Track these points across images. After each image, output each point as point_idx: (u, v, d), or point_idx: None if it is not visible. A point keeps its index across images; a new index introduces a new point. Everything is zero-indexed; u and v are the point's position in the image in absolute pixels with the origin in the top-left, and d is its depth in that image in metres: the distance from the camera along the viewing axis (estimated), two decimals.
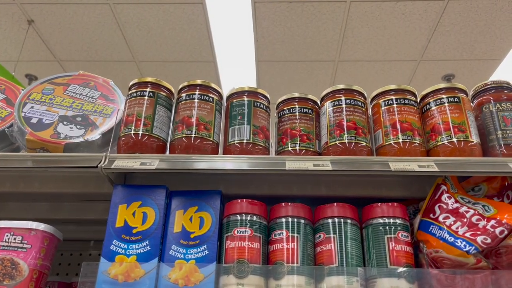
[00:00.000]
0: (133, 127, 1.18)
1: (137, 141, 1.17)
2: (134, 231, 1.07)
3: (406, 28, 4.05)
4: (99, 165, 1.09)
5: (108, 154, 1.12)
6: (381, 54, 4.40)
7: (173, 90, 1.31)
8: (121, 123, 1.22)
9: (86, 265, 1.03)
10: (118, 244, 1.05)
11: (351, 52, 4.37)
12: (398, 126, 1.17)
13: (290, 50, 4.37)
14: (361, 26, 4.03)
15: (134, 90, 1.25)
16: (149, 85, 1.25)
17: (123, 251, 1.04)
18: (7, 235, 1.04)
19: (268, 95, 1.29)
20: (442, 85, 1.22)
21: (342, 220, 1.07)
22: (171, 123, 1.25)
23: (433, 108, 1.20)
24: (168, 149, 1.21)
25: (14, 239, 1.03)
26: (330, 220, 1.07)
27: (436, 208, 1.06)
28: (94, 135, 1.21)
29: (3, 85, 1.33)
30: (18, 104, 1.18)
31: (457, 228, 1.00)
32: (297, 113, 1.25)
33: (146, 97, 1.23)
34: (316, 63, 4.56)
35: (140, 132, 1.18)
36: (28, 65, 4.49)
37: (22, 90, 1.28)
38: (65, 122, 1.23)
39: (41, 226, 1.07)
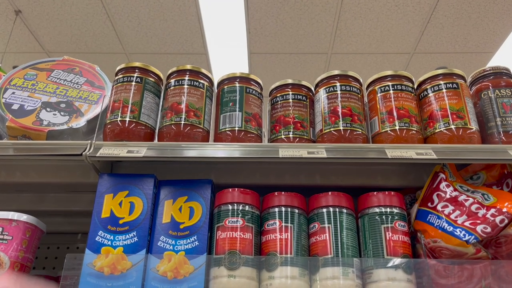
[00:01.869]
0: (119, 114, 1.13)
1: (124, 128, 1.12)
2: (120, 221, 1.02)
3: (399, 21, 4.02)
4: (83, 153, 1.04)
5: (94, 141, 1.07)
6: (374, 47, 4.36)
7: (161, 76, 1.26)
8: (107, 110, 1.17)
9: (70, 258, 0.99)
10: (104, 235, 1.01)
11: (344, 45, 4.33)
12: (395, 113, 1.13)
13: (283, 42, 4.32)
14: (354, 18, 3.99)
15: (121, 76, 1.20)
16: (136, 70, 1.20)
17: (109, 243, 1.00)
18: None
19: (260, 82, 1.24)
20: (440, 71, 1.19)
21: (337, 209, 1.03)
22: (160, 110, 1.20)
23: (431, 94, 1.16)
24: (156, 137, 1.16)
25: None
26: (325, 210, 1.04)
27: (435, 196, 1.02)
28: (79, 122, 1.16)
29: None
30: None
31: (456, 217, 0.97)
32: (290, 100, 1.21)
33: (133, 83, 1.17)
34: (309, 55, 4.51)
35: (127, 119, 1.13)
36: (16, 57, 4.40)
37: (4, 76, 1.23)
38: (48, 109, 1.18)
39: (23, 217, 1.02)
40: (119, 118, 1.13)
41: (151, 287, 0.96)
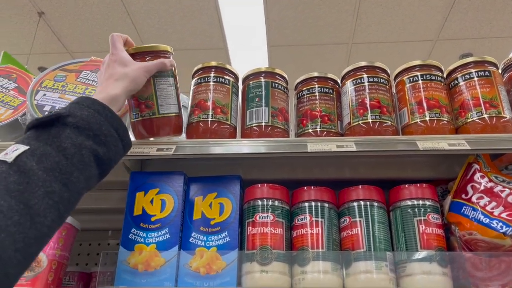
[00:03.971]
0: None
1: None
2: (152, 219, 1.04)
3: (421, 7, 3.93)
4: None
5: None
6: (396, 35, 4.28)
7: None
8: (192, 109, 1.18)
9: (105, 255, 1.01)
10: (137, 232, 1.02)
11: (365, 34, 4.27)
12: (425, 104, 1.11)
13: (302, 34, 4.28)
14: (375, 6, 3.92)
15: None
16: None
17: (142, 240, 1.02)
18: None
19: (286, 76, 1.24)
20: (471, 59, 1.15)
21: (368, 203, 1.02)
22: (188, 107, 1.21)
23: (462, 83, 1.13)
24: (185, 134, 1.17)
25: None
26: (355, 204, 1.03)
27: (469, 188, 1.00)
28: None
29: (14, 74, 1.31)
30: (30, 92, 1.15)
31: (492, 208, 0.94)
32: (317, 93, 1.20)
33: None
34: (329, 46, 4.46)
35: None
36: (40, 58, 4.49)
37: (34, 78, 1.25)
38: None
39: None
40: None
41: (184, 283, 0.97)
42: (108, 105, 0.81)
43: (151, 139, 1.08)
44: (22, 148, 0.65)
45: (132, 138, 1.14)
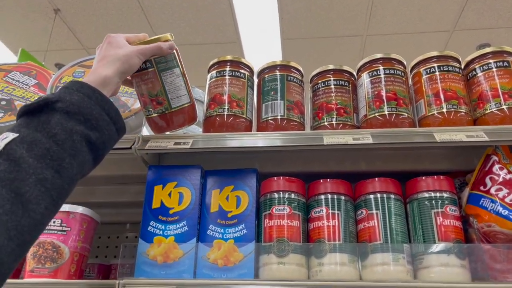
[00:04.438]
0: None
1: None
2: (171, 211, 1.05)
3: None
4: (133, 146, 1.07)
5: (141, 135, 1.10)
6: (411, 26, 4.22)
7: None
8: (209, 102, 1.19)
9: (124, 247, 1.03)
10: (156, 225, 1.04)
11: (380, 26, 4.22)
12: (442, 95, 1.10)
13: (316, 26, 4.25)
14: None
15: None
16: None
17: (160, 232, 1.03)
18: None
19: (301, 69, 1.24)
20: (489, 49, 1.14)
21: (385, 195, 1.02)
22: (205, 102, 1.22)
23: (480, 74, 1.12)
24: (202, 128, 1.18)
25: (54, 222, 1.04)
26: (372, 196, 1.03)
27: (487, 180, 0.99)
28: (129, 116, 1.19)
29: (34, 70, 1.33)
30: (50, 88, 1.17)
31: (511, 200, 0.93)
32: (332, 86, 1.20)
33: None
34: (343, 38, 4.43)
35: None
36: (57, 54, 4.55)
37: (53, 74, 1.28)
38: None
39: (79, 209, 1.07)
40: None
41: (203, 275, 0.99)
42: (99, 87, 0.79)
43: (167, 132, 1.10)
44: (12, 136, 0.64)
45: (146, 132, 1.15)
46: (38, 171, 0.63)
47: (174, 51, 1.05)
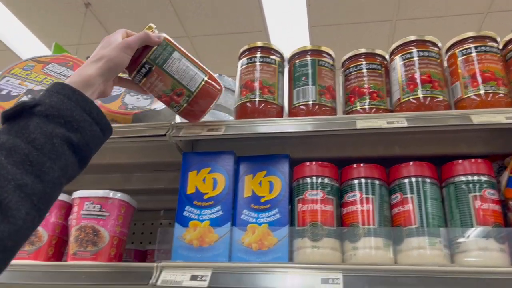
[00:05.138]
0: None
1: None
2: (205, 197, 1.07)
3: None
4: (167, 133, 1.10)
5: (175, 122, 1.12)
6: (443, 10, 4.09)
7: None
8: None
9: (162, 231, 1.05)
10: (191, 210, 1.06)
11: (410, 10, 4.11)
12: (479, 77, 1.07)
13: (344, 12, 4.18)
14: None
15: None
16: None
17: (196, 217, 1.05)
18: (86, 204, 1.08)
19: (332, 53, 1.23)
20: None
21: (420, 179, 1.00)
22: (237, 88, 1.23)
23: None
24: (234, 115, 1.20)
25: (94, 207, 1.07)
26: (407, 180, 1.01)
27: None
28: (160, 105, 1.22)
29: (70, 62, 1.37)
30: None
31: None
32: (364, 70, 1.18)
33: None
34: (371, 24, 4.34)
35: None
36: (89, 48, 4.64)
37: None
38: (131, 93, 1.26)
39: (118, 195, 1.10)
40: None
41: (237, 258, 1.00)
42: (81, 88, 0.77)
43: (204, 117, 1.09)
44: None
45: (179, 119, 1.18)
46: (18, 177, 0.63)
47: (165, 39, 1.01)
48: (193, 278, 0.94)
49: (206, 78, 1.03)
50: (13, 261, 0.64)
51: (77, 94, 0.75)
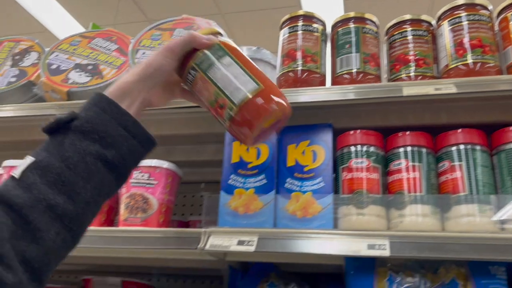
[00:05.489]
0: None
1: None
2: (249, 165, 1.09)
3: None
4: None
5: None
6: None
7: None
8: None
9: (208, 198, 1.08)
10: (236, 178, 1.08)
11: None
12: None
13: None
14: None
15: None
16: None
17: (241, 185, 1.07)
18: (135, 173, 1.12)
19: (376, 20, 1.20)
20: None
21: (469, 146, 0.98)
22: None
23: None
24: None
25: (142, 176, 1.11)
26: (454, 148, 0.99)
27: None
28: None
29: (114, 36, 1.41)
30: (131, 52, 1.24)
31: None
32: (410, 37, 1.15)
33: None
34: None
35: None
36: (124, 27, 4.68)
37: (132, 39, 1.34)
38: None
39: (165, 164, 1.14)
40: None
41: (282, 225, 1.02)
42: (118, 98, 0.72)
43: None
44: (29, 160, 0.65)
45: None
46: (50, 197, 0.62)
47: (219, 42, 0.82)
48: (240, 243, 0.96)
49: (258, 89, 0.76)
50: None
51: (113, 106, 0.71)
